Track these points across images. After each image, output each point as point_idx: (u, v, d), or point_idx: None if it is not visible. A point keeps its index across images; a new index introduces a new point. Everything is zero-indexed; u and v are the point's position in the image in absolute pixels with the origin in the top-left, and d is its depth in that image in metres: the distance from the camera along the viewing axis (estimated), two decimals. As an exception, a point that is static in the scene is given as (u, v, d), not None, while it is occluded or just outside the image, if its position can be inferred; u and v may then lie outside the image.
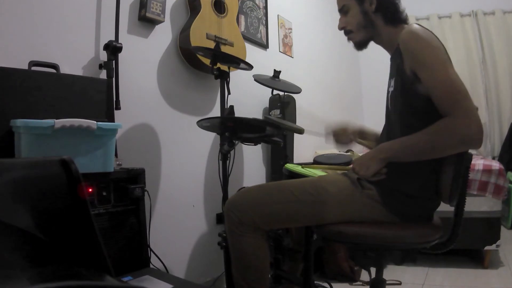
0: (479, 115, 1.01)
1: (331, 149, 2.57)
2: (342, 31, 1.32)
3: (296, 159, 2.63)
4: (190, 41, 1.83)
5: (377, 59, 1.38)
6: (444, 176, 1.15)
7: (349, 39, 1.31)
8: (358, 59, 4.53)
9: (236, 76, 2.18)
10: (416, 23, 1.14)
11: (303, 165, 1.74)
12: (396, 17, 1.22)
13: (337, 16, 1.34)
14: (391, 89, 1.22)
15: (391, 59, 1.27)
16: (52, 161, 0.75)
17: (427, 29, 1.12)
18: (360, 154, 1.38)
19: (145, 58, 1.82)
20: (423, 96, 1.07)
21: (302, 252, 1.53)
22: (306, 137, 2.42)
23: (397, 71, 1.16)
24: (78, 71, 1.53)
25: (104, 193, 1.29)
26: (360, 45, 1.29)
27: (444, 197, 1.16)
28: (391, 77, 1.24)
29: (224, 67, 1.63)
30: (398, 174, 1.15)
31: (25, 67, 1.31)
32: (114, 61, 1.54)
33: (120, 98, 1.59)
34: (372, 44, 1.30)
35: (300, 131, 1.84)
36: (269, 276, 1.36)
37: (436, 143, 1.04)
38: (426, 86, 1.06)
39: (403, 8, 1.24)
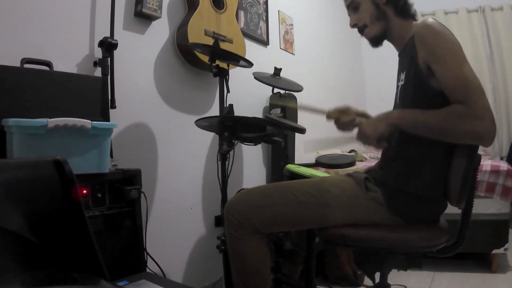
0: (492, 113, 0.99)
1: (333, 149, 2.54)
2: (349, 28, 1.30)
3: (298, 159, 2.62)
4: (188, 38, 1.81)
5: (381, 57, 1.36)
6: (452, 178, 1.14)
7: (363, 35, 1.29)
8: (362, 56, 4.50)
9: (236, 74, 2.16)
10: (432, 17, 1.13)
11: (304, 165, 1.71)
12: (406, 10, 1.22)
13: (340, 11, 1.34)
14: (401, 83, 1.21)
15: (400, 54, 1.26)
16: (45, 162, 0.73)
17: (442, 24, 1.11)
18: (364, 154, 1.34)
19: (142, 55, 1.80)
20: (435, 90, 1.06)
21: (301, 254, 1.50)
22: (307, 137, 2.38)
23: (410, 64, 1.14)
24: (72, 69, 1.51)
25: (99, 195, 1.28)
26: (376, 40, 1.27)
27: (452, 199, 1.15)
28: (401, 71, 1.23)
29: (223, 65, 1.61)
30: (405, 174, 1.13)
31: (17, 64, 1.29)
32: (109, 58, 1.53)
33: (115, 97, 1.57)
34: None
35: (302, 131, 1.82)
36: (270, 280, 1.33)
37: (445, 126, 1.02)
38: (440, 81, 1.04)
39: (412, 3, 1.23)
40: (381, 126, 1.10)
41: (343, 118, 1.23)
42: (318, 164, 1.71)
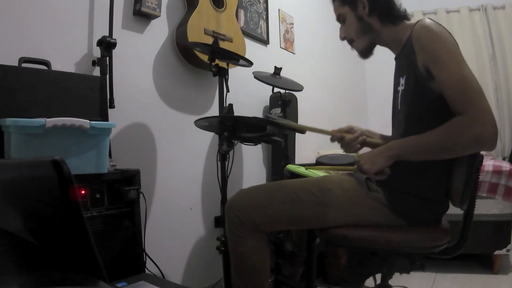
0: (494, 116, 0.97)
1: (334, 149, 2.53)
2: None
3: (298, 159, 2.60)
4: (187, 37, 1.80)
5: (382, 56, 1.34)
6: (455, 179, 1.13)
7: (353, 48, 1.29)
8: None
9: (235, 73, 2.15)
10: (429, 18, 1.11)
11: (305, 166, 1.70)
12: (393, 15, 1.19)
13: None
14: (402, 88, 1.18)
15: (397, 58, 1.25)
16: (43, 162, 0.72)
17: (440, 24, 1.08)
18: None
19: (140, 55, 1.79)
20: (436, 93, 1.04)
21: (302, 256, 1.49)
22: (308, 137, 2.37)
23: (409, 67, 1.12)
24: (70, 68, 1.50)
25: (98, 195, 1.27)
26: (364, 53, 1.27)
27: (455, 200, 1.14)
28: (400, 75, 1.20)
29: (222, 64, 1.60)
30: (407, 174, 1.12)
31: (15, 63, 1.28)
32: (108, 58, 1.52)
33: (114, 96, 1.56)
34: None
35: (302, 131, 1.80)
36: (270, 281, 1.33)
37: (447, 142, 1.01)
38: (439, 84, 1.03)
39: (399, 4, 1.20)
40: (379, 161, 1.08)
41: (347, 137, 1.23)
42: (318, 164, 1.70)
